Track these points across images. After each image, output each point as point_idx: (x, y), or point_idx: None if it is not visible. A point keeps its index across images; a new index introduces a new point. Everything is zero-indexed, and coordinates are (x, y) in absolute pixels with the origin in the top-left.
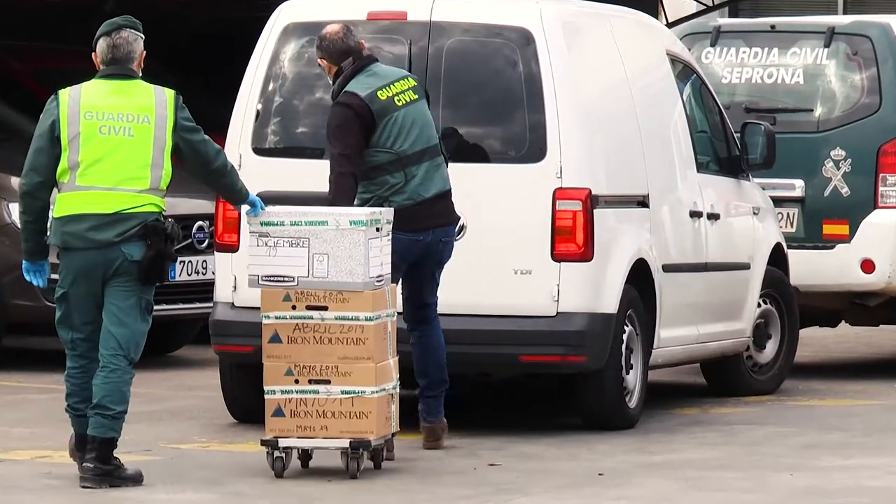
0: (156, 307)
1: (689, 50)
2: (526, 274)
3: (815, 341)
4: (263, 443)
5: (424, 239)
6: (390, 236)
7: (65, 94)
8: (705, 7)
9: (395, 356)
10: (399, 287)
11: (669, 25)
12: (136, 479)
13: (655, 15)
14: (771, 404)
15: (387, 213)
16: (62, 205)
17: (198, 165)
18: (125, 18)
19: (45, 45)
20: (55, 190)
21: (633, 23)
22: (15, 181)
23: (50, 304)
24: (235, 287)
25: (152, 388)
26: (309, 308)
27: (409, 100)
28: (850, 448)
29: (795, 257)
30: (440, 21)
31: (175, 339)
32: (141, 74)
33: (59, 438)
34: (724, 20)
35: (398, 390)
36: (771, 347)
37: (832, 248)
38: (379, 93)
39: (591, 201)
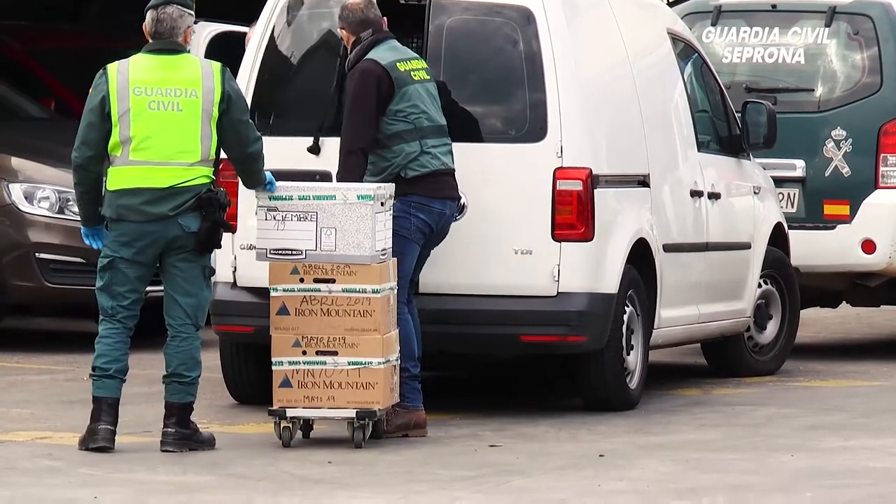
0: (155, 287)
1: (690, 29)
2: (526, 254)
3: (816, 322)
4: (271, 412)
5: (446, 211)
6: (391, 211)
7: (113, 69)
8: None
9: (396, 329)
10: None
11: (670, 5)
12: (210, 443)
13: None
14: (772, 385)
15: (389, 189)
16: (116, 178)
17: (234, 144)
18: None
19: (44, 24)
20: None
21: (634, 2)
22: (15, 161)
23: (50, 285)
24: (236, 267)
25: (152, 368)
26: (316, 281)
27: (423, 78)
28: (852, 429)
29: (796, 237)
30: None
31: None
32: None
33: (59, 420)
34: (724, 0)
35: (400, 362)
36: (772, 328)
37: (833, 228)
38: (398, 64)
39: (592, 181)
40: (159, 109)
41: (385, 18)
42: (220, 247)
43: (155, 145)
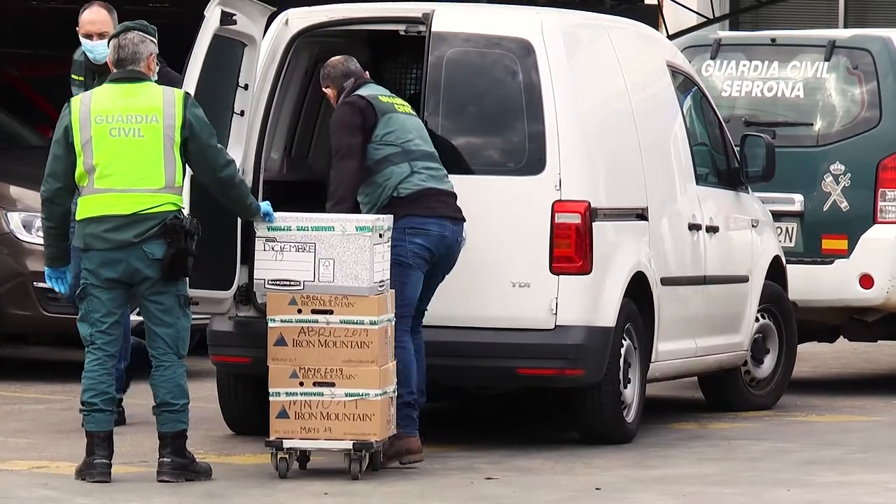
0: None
1: (690, 62)
2: (524, 287)
3: (814, 356)
4: (268, 444)
5: (446, 233)
6: (391, 242)
7: (77, 100)
8: (706, 19)
9: (394, 360)
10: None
11: (670, 38)
12: (207, 474)
13: (656, 27)
14: (769, 420)
15: (388, 220)
16: (83, 208)
17: (204, 170)
18: (135, 21)
19: (44, 53)
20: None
21: (634, 34)
22: (14, 190)
23: (47, 314)
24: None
25: (150, 398)
26: (314, 312)
27: (407, 111)
28: (848, 464)
29: (794, 272)
30: (440, 31)
31: None
32: (155, 77)
33: (56, 449)
34: (724, 33)
35: (397, 393)
36: (769, 362)
37: (831, 262)
38: (380, 96)
39: (590, 214)
40: (120, 136)
41: (367, 72)
42: (187, 274)
43: (118, 172)
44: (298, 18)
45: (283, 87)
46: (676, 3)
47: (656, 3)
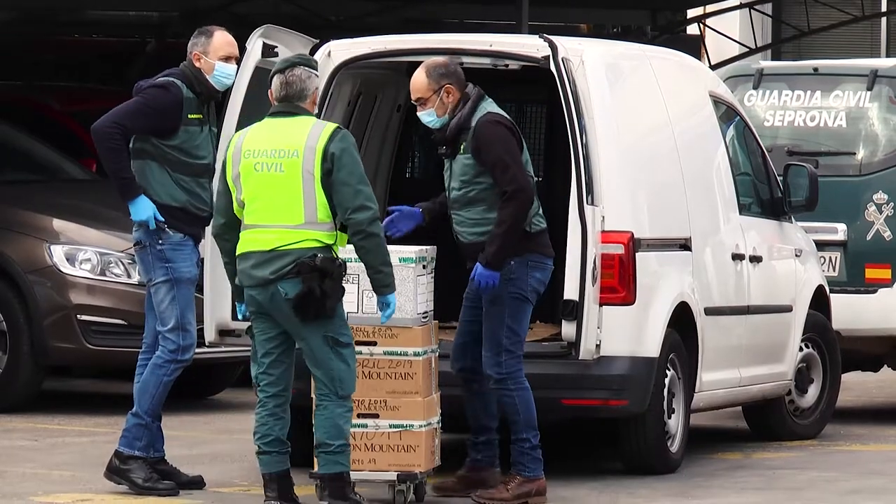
0: (196, 350)
1: (732, 92)
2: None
3: (857, 386)
4: (312, 475)
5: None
6: (433, 274)
7: (237, 135)
8: (748, 49)
9: (438, 391)
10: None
11: (712, 68)
12: None
13: (698, 57)
14: (813, 449)
15: (431, 252)
16: (239, 244)
17: (337, 207)
18: (300, 56)
19: (86, 86)
20: None
21: (676, 64)
22: (57, 223)
23: (91, 347)
24: None
25: (194, 431)
26: (358, 343)
27: None
28: (892, 493)
29: (838, 301)
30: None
31: (216, 381)
32: (317, 110)
33: (100, 482)
34: (766, 63)
35: (441, 425)
36: (813, 392)
37: (874, 292)
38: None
39: (634, 244)
40: (263, 171)
41: None
42: (324, 315)
43: (261, 207)
44: (341, 50)
45: (325, 118)
46: (718, 33)
47: (698, 33)
